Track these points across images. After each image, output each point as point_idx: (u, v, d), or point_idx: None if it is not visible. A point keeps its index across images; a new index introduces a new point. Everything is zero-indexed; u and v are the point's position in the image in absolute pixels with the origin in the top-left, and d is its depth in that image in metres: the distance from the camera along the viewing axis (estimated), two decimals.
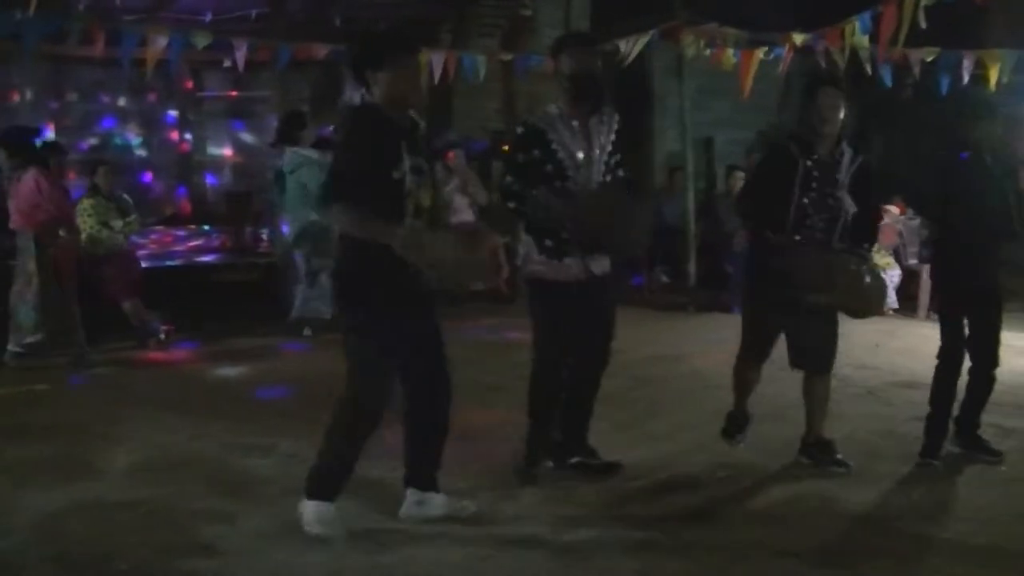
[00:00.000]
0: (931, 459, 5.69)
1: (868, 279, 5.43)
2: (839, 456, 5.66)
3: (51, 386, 7.72)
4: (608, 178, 5.43)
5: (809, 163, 5.48)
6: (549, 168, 5.30)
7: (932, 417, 5.77)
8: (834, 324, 5.66)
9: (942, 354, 5.76)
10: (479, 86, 11.58)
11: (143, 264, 10.33)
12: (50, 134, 13.92)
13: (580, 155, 5.33)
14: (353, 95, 13.91)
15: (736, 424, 5.95)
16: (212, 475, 5.50)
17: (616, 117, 5.49)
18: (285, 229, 9.92)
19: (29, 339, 8.30)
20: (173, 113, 16.98)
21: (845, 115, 5.53)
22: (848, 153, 5.59)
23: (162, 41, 9.12)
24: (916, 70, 10.99)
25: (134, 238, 10.39)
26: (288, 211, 9.66)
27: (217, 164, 17.39)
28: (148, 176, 16.80)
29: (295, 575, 4.26)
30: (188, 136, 17.08)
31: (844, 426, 6.20)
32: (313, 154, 9.42)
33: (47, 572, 4.35)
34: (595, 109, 5.39)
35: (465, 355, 5.90)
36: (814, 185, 5.50)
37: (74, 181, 11.70)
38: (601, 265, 5.47)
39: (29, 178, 8.13)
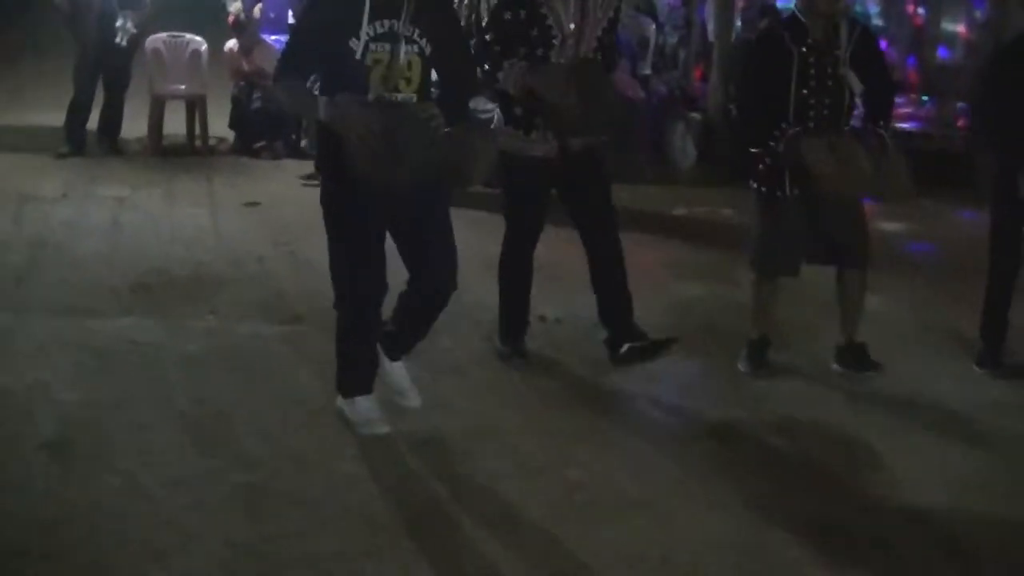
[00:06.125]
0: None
1: (872, 161, 4.95)
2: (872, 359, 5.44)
3: None
4: (594, 55, 4.89)
5: (804, 50, 5.02)
6: (534, 33, 4.80)
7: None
8: (861, 212, 5.28)
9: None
10: None
11: None
12: None
13: (571, 26, 4.82)
14: None
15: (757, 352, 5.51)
16: None
17: None
18: None
19: None
20: None
21: None
22: (845, 26, 5.12)
23: None
24: None
25: None
26: None
27: (949, 39, 17.95)
28: (883, 44, 17.81)
29: None
30: (921, 11, 17.85)
31: None
32: None
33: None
34: None
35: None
36: (812, 72, 5.03)
37: None
38: (579, 142, 4.98)
39: None
